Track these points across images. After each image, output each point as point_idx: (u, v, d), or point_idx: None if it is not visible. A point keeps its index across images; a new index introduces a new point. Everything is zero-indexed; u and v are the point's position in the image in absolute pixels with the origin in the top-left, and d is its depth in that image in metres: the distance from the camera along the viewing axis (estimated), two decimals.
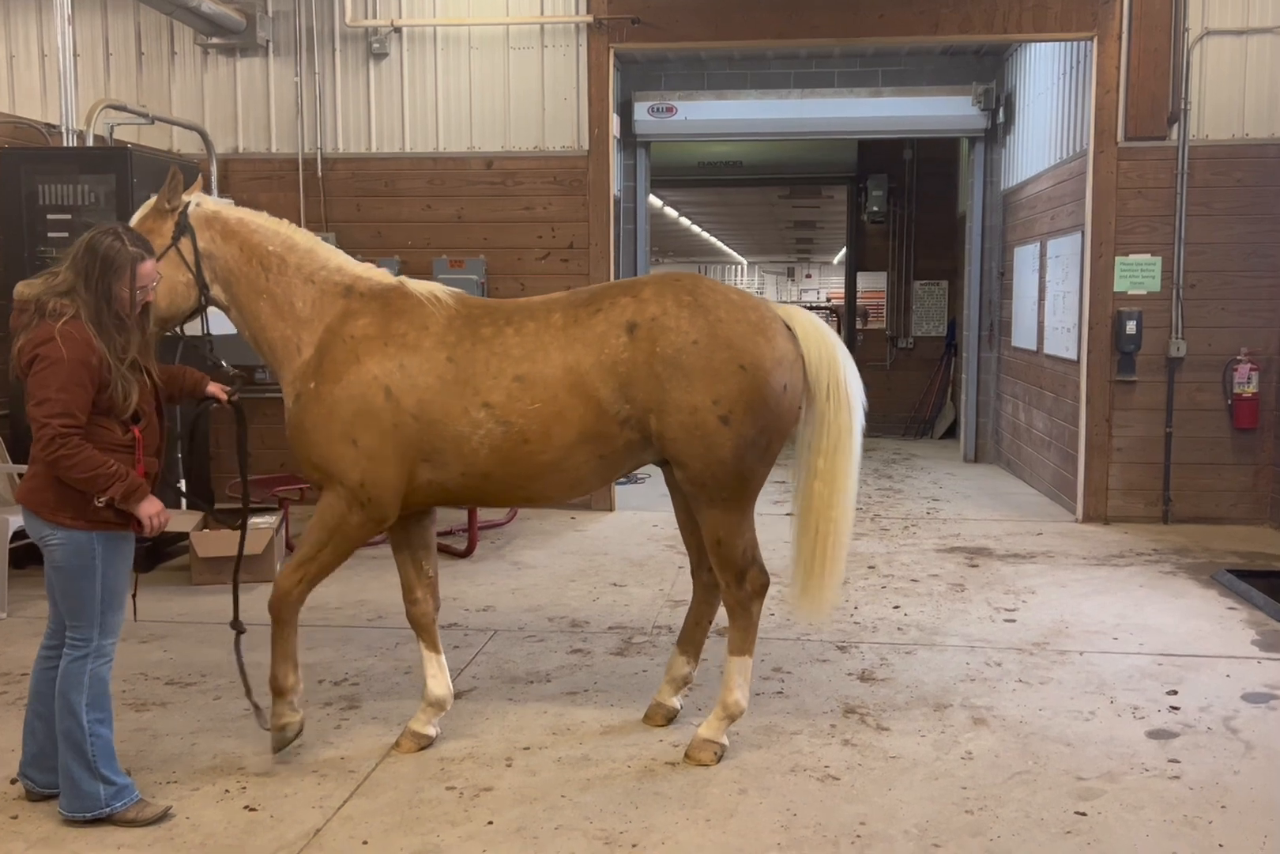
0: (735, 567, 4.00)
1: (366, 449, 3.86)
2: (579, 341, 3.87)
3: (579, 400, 3.84)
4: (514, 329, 3.92)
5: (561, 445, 3.86)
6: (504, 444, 3.85)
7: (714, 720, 4.10)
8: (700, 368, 3.80)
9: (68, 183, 6.65)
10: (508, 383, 3.85)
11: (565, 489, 4.03)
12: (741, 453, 3.84)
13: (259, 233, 4.03)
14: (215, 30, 8.20)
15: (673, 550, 7.33)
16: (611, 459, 3.96)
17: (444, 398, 3.86)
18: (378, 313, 3.96)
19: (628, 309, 3.88)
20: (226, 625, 4.24)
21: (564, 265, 8.36)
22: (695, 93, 10.74)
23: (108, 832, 3.54)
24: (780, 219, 31.63)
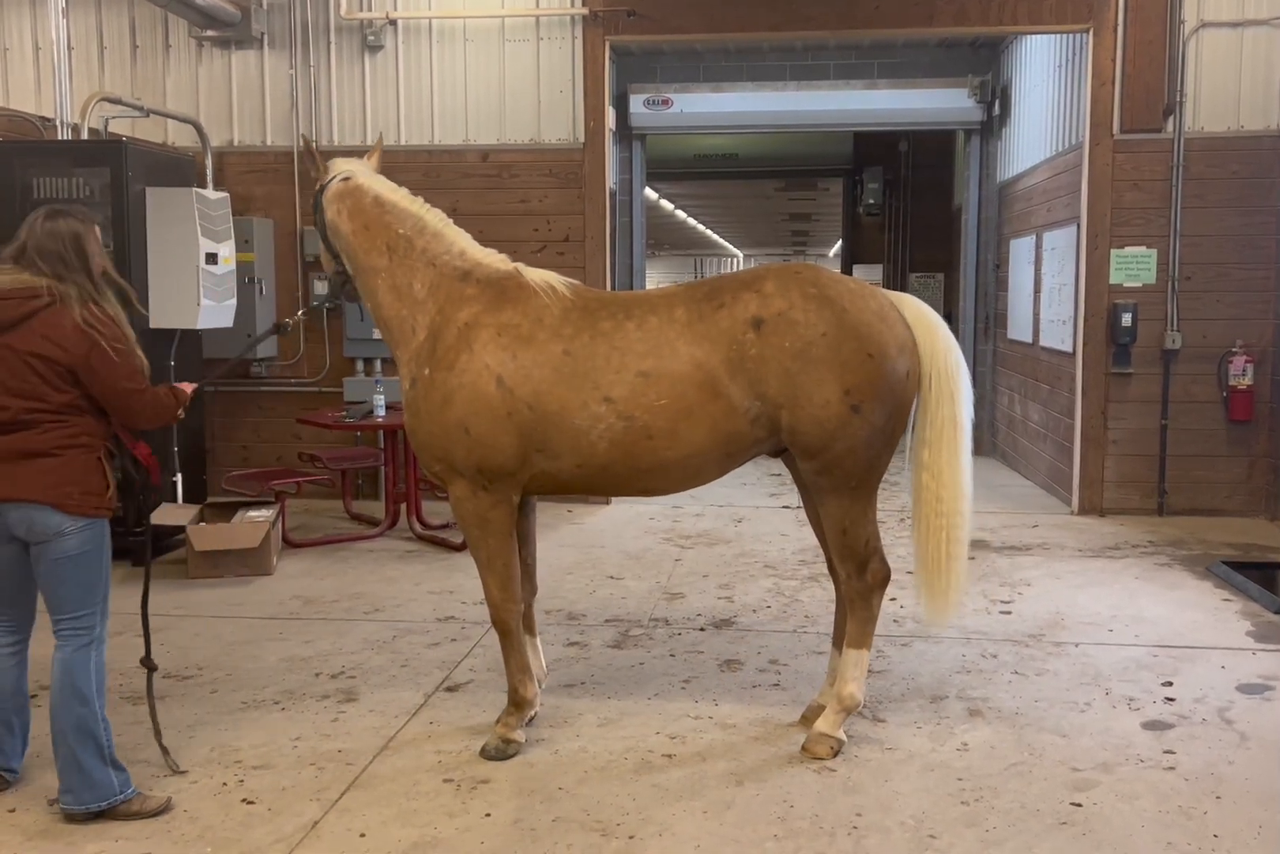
0: (858, 556, 4.00)
1: (479, 437, 3.87)
2: (705, 338, 3.82)
3: (708, 397, 3.80)
4: (635, 324, 3.88)
5: (688, 442, 3.83)
6: (625, 439, 3.83)
7: (830, 715, 4.06)
8: (830, 359, 3.77)
9: (62, 176, 6.62)
10: (631, 378, 3.81)
11: (683, 481, 4.01)
12: (872, 440, 3.84)
13: (391, 213, 4.06)
14: (210, 23, 8.17)
15: (669, 543, 7.34)
16: (736, 456, 3.94)
17: (561, 390, 3.83)
18: (492, 300, 3.95)
19: (751, 304, 3.84)
20: (221, 618, 4.24)
21: (560, 258, 8.34)
22: (691, 85, 10.72)
23: (106, 825, 3.55)
24: (776, 212, 31.62)
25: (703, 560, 6.87)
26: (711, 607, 5.89)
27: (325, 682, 4.81)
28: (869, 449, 3.85)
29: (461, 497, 3.99)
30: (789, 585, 6.29)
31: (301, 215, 8.47)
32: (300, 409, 8.25)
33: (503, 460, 3.89)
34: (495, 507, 3.96)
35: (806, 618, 5.67)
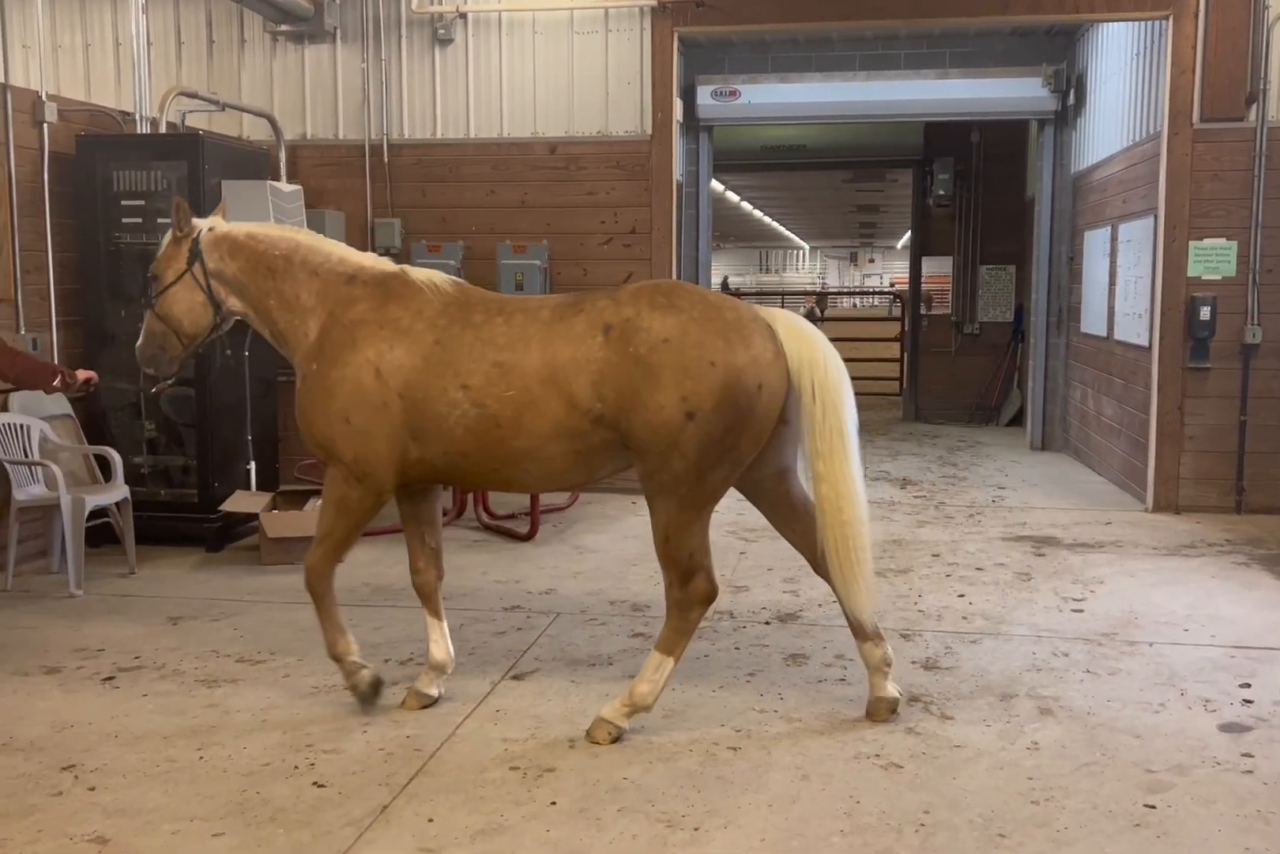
0: (679, 567, 4.01)
1: (358, 427, 4.10)
2: (559, 337, 3.97)
3: (552, 393, 3.93)
4: (504, 319, 4.07)
5: (534, 434, 3.97)
6: (478, 426, 4.00)
7: (618, 704, 4.12)
8: (670, 365, 3.83)
9: (141, 169, 6.76)
10: (487, 367, 3.99)
11: (542, 479, 4.15)
12: (706, 449, 3.85)
13: (265, 242, 4.35)
14: (284, 17, 8.29)
15: (733, 536, 7.32)
16: (588, 455, 4.03)
17: (428, 378, 4.04)
18: (377, 298, 4.18)
19: (606, 311, 3.98)
20: (293, 605, 4.32)
21: (626, 250, 8.35)
22: (759, 76, 10.65)
23: (183, 803, 3.63)
24: (843, 203, 31.37)
25: (767, 554, 6.85)
26: (776, 600, 5.87)
27: (394, 668, 4.87)
28: (702, 458, 3.86)
29: (334, 480, 4.24)
30: None
31: (373, 208, 8.56)
32: None
33: (379, 448, 4.11)
34: (363, 498, 4.21)
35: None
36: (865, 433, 11.97)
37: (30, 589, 6.06)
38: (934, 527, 7.59)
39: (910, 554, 6.83)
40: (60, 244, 6.71)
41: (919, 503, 8.39)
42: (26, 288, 6.48)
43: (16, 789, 3.71)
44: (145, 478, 7.02)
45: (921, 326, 13.52)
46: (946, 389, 13.13)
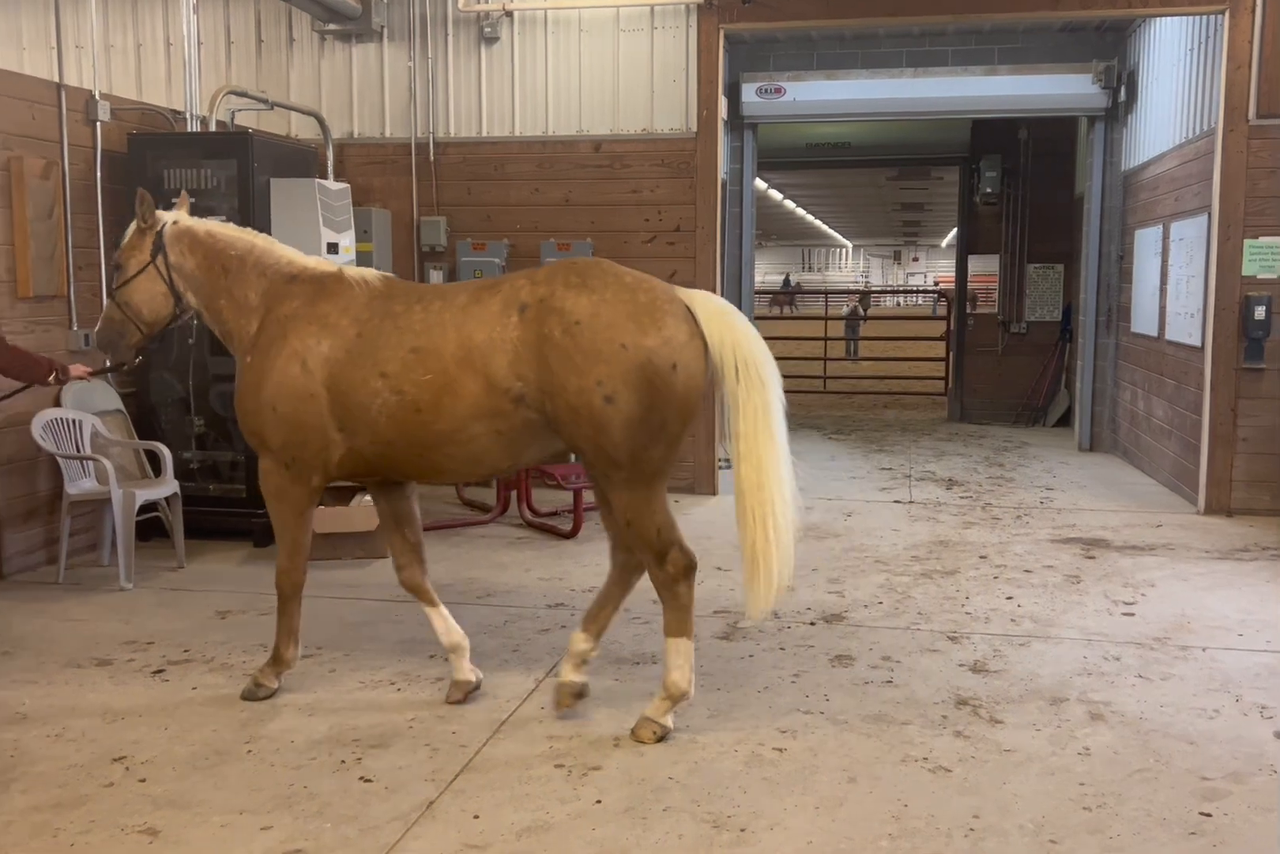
0: (652, 547, 4.03)
1: (285, 416, 4.23)
2: (474, 319, 4.03)
3: (468, 374, 3.99)
4: (422, 307, 4.16)
5: (453, 416, 4.03)
6: (399, 413, 4.08)
7: (658, 701, 4.13)
8: (583, 348, 3.86)
9: (191, 168, 6.82)
10: (403, 354, 4.07)
11: (466, 463, 4.18)
12: (631, 431, 3.87)
13: (222, 241, 4.49)
14: (332, 16, 8.34)
15: None
16: (511, 436, 4.07)
17: (350, 369, 4.14)
18: (310, 295, 4.32)
19: (521, 290, 4.02)
20: (340, 600, 4.34)
21: (670, 248, 8.33)
22: (804, 73, 10.59)
23: (232, 796, 3.65)
24: (888, 201, 31.17)
25: (812, 554, 6.80)
26: (821, 601, 5.83)
27: (439, 664, 4.88)
28: (629, 440, 3.88)
29: (266, 470, 4.37)
30: (901, 581, 6.19)
31: (419, 206, 8.60)
32: None
33: (305, 437, 4.23)
34: (294, 483, 4.31)
35: (920, 615, 5.57)
36: (910, 433, 12.03)
37: (81, 582, 6.13)
38: (981, 528, 7.51)
39: (957, 555, 6.76)
40: (112, 241, 6.78)
41: (965, 504, 8.31)
42: (79, 284, 6.57)
43: (69, 779, 3.76)
44: (194, 473, 7.09)
45: (967, 326, 13.39)
46: (993, 389, 12.99)
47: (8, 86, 6.03)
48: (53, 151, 6.31)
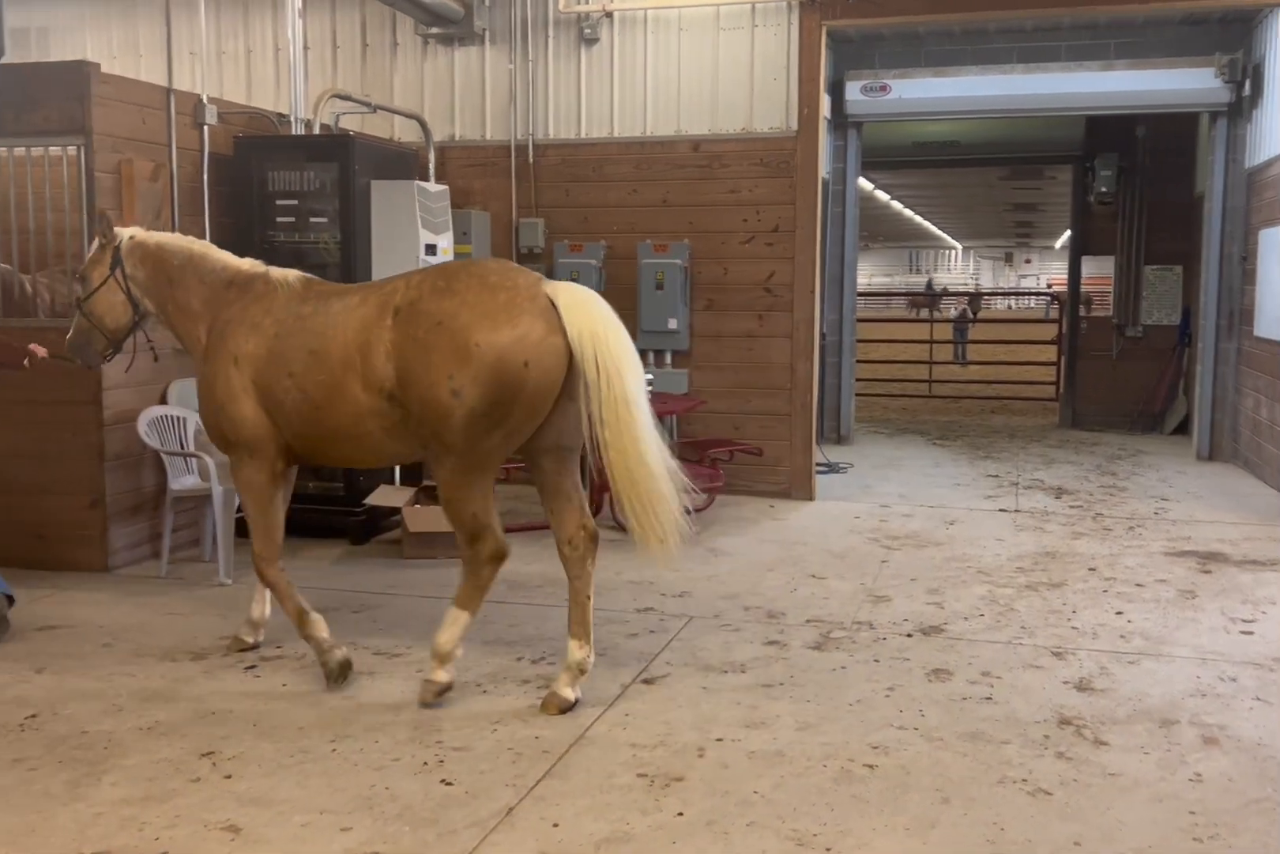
0: (465, 528, 4.29)
1: (231, 413, 4.59)
2: (357, 321, 4.31)
3: (351, 375, 4.29)
4: (325, 309, 4.45)
5: (341, 412, 4.35)
6: (304, 409, 4.43)
7: (432, 662, 4.39)
8: (441, 347, 4.10)
9: (295, 170, 6.92)
10: (305, 355, 4.40)
11: (369, 453, 4.53)
12: (472, 423, 4.11)
13: (168, 251, 4.84)
14: (435, 20, 8.41)
15: (876, 543, 7.10)
16: (396, 433, 4.34)
17: (270, 368, 4.49)
18: (245, 300, 4.65)
19: (396, 294, 4.28)
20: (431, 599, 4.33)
21: (769, 249, 8.20)
22: (911, 71, 10.35)
23: (314, 795, 3.65)
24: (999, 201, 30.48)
25: (911, 563, 6.62)
26: (919, 612, 5.65)
27: (526, 667, 4.85)
28: (469, 430, 4.12)
29: (234, 465, 4.73)
30: (1004, 593, 5.97)
31: (517, 208, 8.62)
32: None
33: (250, 432, 4.58)
34: (258, 473, 4.65)
35: (1023, 629, 5.36)
36: (1019, 439, 11.69)
37: (183, 577, 6.26)
38: (1090, 539, 7.22)
39: (1064, 567, 6.51)
40: (218, 242, 6.86)
41: (1075, 513, 8.01)
42: None
43: (158, 773, 3.80)
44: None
45: (1080, 329, 12.96)
46: (1106, 395, 12.55)
47: (119, 92, 6.19)
48: (161, 154, 6.46)
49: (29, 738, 4.08)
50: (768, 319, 8.32)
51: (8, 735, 4.10)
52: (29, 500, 6.21)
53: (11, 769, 3.82)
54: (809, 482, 8.41)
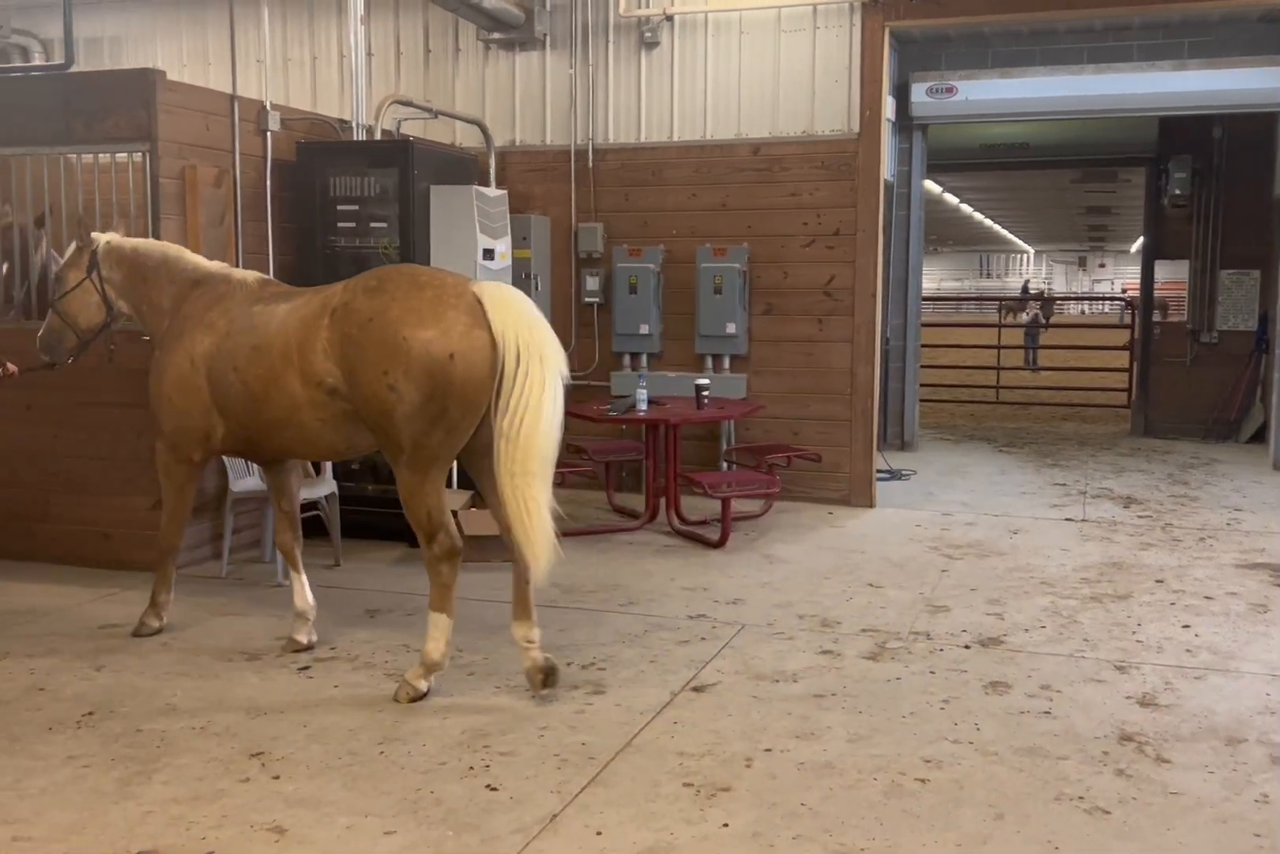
0: (423, 527, 4.43)
1: (178, 405, 4.91)
2: (297, 320, 4.58)
3: (291, 370, 4.54)
4: (271, 308, 4.72)
5: (282, 406, 4.60)
6: (246, 401, 4.71)
7: (417, 667, 4.53)
8: (372, 343, 4.32)
9: (356, 175, 6.98)
10: (248, 351, 4.67)
11: (305, 444, 4.76)
12: (411, 417, 4.28)
13: (143, 254, 5.18)
14: (496, 26, 8.45)
15: (936, 552, 6.98)
16: (334, 424, 4.59)
17: (219, 363, 4.77)
18: (204, 298, 4.95)
19: (334, 296, 4.54)
20: (484, 603, 4.32)
21: (829, 252, 8.11)
22: (977, 72, 10.18)
23: (360, 798, 3.66)
24: (1071, 204, 29.95)
25: (972, 572, 6.49)
26: (978, 623, 5.53)
27: (576, 672, 4.83)
28: (410, 425, 4.29)
29: (157, 450, 5.11)
30: (1067, 605, 5.83)
31: (577, 213, 8.63)
32: (570, 401, 8.34)
33: (190, 424, 4.92)
34: (178, 463, 5.05)
35: (1085, 641, 5.22)
36: (1088, 447, 11.46)
37: (243, 577, 6.33)
38: (1159, 550, 7.03)
39: (1131, 578, 6.34)
40: (280, 247, 7.02)
41: (1143, 523, 7.81)
42: None
43: (208, 773, 3.84)
44: (354, 473, 7.25)
45: (1153, 335, 12.65)
46: (1180, 402, 12.23)
47: (184, 99, 6.28)
48: (225, 160, 6.55)
49: (85, 735, 4.15)
50: (828, 323, 8.23)
51: (65, 732, 4.17)
52: (96, 501, 6.34)
53: (66, 766, 3.88)
54: (869, 488, 8.30)
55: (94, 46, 9.59)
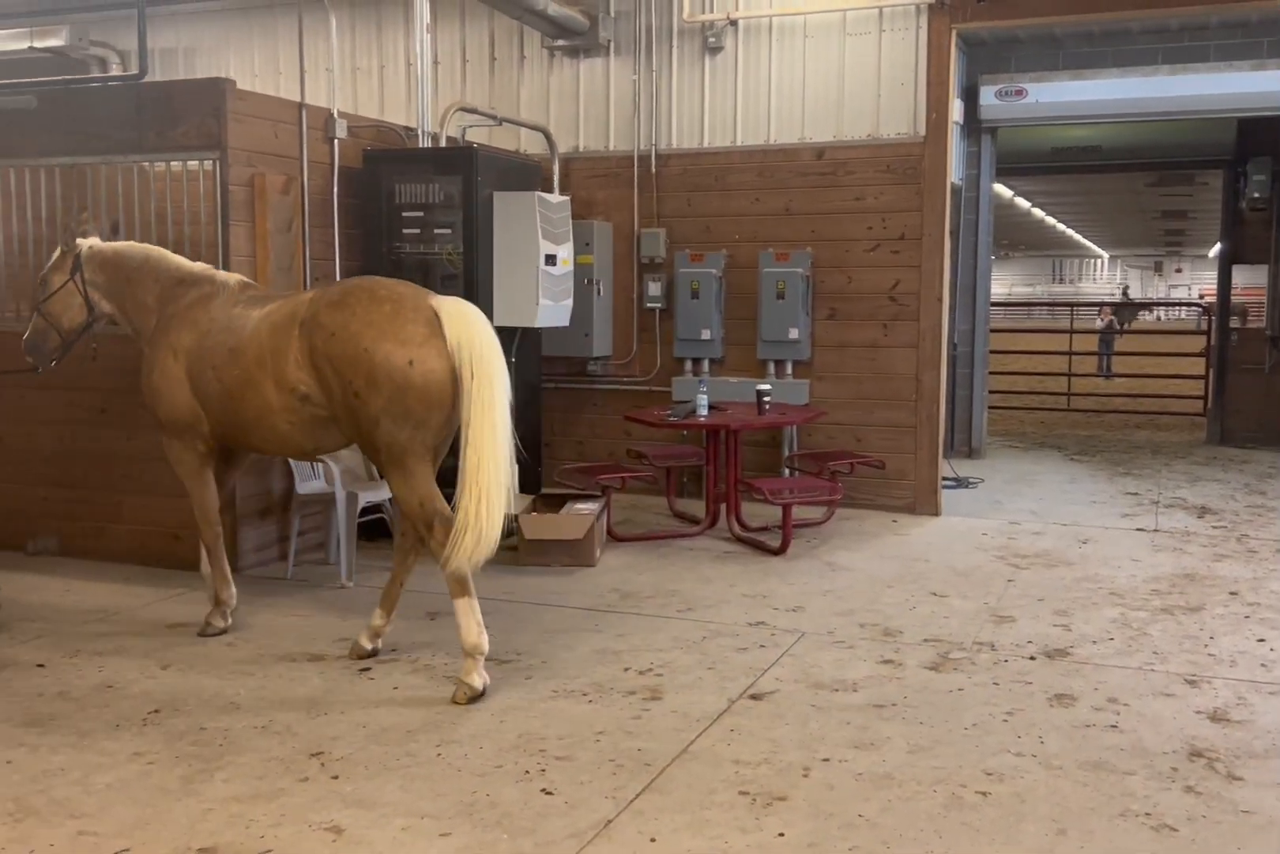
0: (417, 518, 4.71)
1: (165, 397, 5.20)
2: (270, 327, 4.85)
3: (264, 374, 4.83)
4: (248, 311, 5.00)
5: (254, 406, 4.89)
6: (222, 398, 5.01)
7: (465, 662, 4.62)
8: (337, 354, 4.62)
9: (420, 182, 7.06)
10: (225, 352, 4.96)
11: (276, 443, 5.04)
12: (379, 420, 4.58)
13: (125, 256, 5.41)
14: (561, 33, 8.49)
15: (1002, 561, 6.86)
16: (302, 426, 4.88)
17: (199, 361, 5.05)
18: (190, 298, 5.21)
19: (302, 307, 4.80)
20: (544, 606, 4.33)
21: (894, 257, 8.02)
22: (1048, 74, 10.01)
23: (417, 799, 3.68)
24: (1146, 209, 29.37)
25: (1039, 582, 6.37)
26: (1044, 634, 5.42)
27: (633, 677, 4.81)
28: (378, 427, 4.60)
29: (164, 442, 5.34)
30: (1137, 617, 5.70)
31: (639, 218, 8.63)
32: (631, 406, 8.41)
33: (180, 415, 5.18)
34: (185, 451, 5.28)
35: (1155, 654, 5.10)
36: (1162, 456, 11.22)
37: (307, 578, 6.41)
38: (1233, 561, 6.84)
39: (1203, 591, 6.18)
40: (346, 253, 7.11)
41: (1218, 534, 7.61)
42: None
43: (268, 772, 3.88)
44: None
45: (1231, 341, 12.34)
46: (1258, 410, 11.91)
47: (253, 107, 6.39)
48: (293, 168, 6.65)
49: (150, 732, 4.22)
50: (893, 328, 8.14)
51: (131, 729, 4.25)
52: (166, 502, 6.44)
53: (132, 762, 3.95)
54: (934, 496, 8.19)
55: (169, 57, 9.81)
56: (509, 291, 7.10)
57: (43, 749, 4.06)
